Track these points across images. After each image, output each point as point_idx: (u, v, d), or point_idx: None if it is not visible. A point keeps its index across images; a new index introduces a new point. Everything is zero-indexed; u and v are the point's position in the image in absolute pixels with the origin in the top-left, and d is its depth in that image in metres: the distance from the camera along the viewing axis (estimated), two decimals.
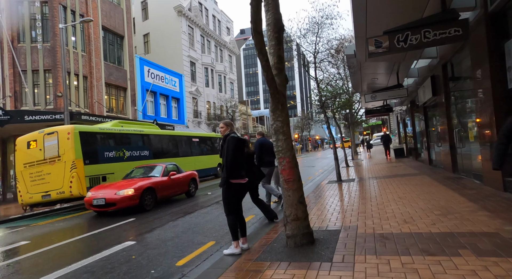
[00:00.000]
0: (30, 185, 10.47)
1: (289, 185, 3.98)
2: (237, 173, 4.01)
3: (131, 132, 13.23)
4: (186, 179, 10.56)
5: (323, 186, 9.45)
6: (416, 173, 10.35)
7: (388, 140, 19.62)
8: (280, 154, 4.03)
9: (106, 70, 19.79)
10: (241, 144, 4.13)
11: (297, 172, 4.03)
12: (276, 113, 4.03)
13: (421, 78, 12.40)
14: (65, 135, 10.30)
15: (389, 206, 5.70)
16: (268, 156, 6.98)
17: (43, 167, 10.37)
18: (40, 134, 10.70)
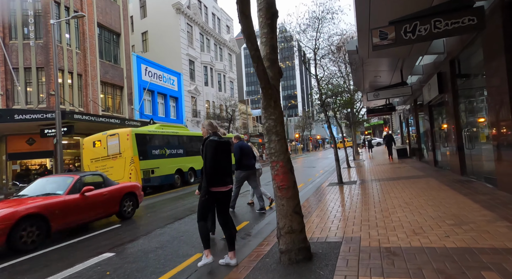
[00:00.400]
0: None
1: (282, 193, 3.48)
2: (218, 180, 3.61)
3: (170, 134, 15.29)
4: (115, 195, 7.40)
5: (323, 189, 8.95)
6: (421, 175, 9.84)
7: (391, 140, 18.96)
8: (272, 157, 3.54)
9: (102, 68, 19.33)
10: (224, 147, 3.72)
11: (292, 177, 3.53)
12: (268, 110, 3.53)
13: (426, 76, 11.87)
14: (125, 136, 12.42)
15: (395, 213, 5.20)
16: (247, 160, 7.03)
17: (107, 162, 12.59)
18: (103, 135, 12.95)
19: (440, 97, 10.08)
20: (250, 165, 7.10)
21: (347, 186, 9.11)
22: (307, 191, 9.11)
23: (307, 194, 8.32)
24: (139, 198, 8.25)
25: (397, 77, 12.85)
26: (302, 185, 11.35)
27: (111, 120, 15.76)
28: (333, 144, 10.27)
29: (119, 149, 12.41)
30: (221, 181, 3.64)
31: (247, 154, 7.05)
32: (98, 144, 12.93)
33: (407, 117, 19.26)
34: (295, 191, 3.54)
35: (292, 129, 64.17)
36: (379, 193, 7.27)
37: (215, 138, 3.69)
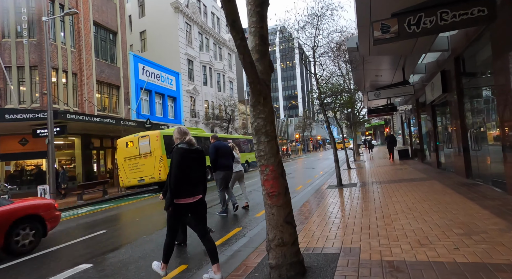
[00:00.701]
0: (129, 173, 14.20)
1: (273, 200, 3.11)
2: (184, 191, 3.34)
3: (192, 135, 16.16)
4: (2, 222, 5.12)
5: (322, 192, 8.57)
6: (424, 177, 9.45)
7: (393, 141, 18.48)
8: (262, 160, 3.16)
9: (98, 67, 18.98)
10: (194, 155, 3.46)
11: (283, 183, 3.16)
12: (257, 108, 3.16)
13: (429, 74, 11.49)
14: (155, 137, 13.91)
15: (398, 220, 4.82)
16: (224, 160, 6.96)
17: (138, 160, 14.08)
18: (135, 137, 14.48)
19: (444, 96, 9.70)
20: (229, 165, 7.05)
21: (347, 189, 8.73)
22: (305, 194, 8.73)
23: (305, 198, 7.94)
24: (49, 222, 5.83)
25: (399, 76, 12.46)
26: (301, 187, 10.97)
27: (105, 120, 15.41)
28: (332, 145, 9.89)
29: (150, 149, 13.97)
30: (188, 192, 3.37)
31: (224, 155, 6.99)
32: (130, 145, 14.52)
33: (408, 117, 18.87)
34: (286, 198, 3.17)
35: (293, 130, 63.79)
36: (380, 197, 6.89)
37: (184, 145, 3.43)
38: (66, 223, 8.15)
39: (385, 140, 19.76)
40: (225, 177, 7.05)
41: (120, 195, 14.34)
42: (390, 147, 17.99)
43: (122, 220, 7.91)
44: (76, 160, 17.87)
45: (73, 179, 17.42)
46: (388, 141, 18.39)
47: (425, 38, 7.94)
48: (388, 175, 10.96)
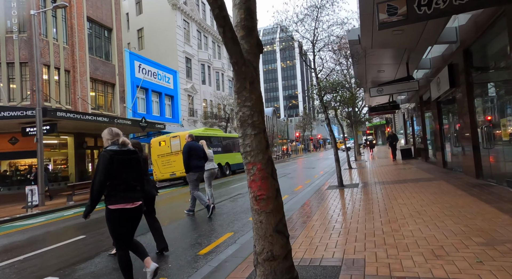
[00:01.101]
0: (161, 168, 16.29)
1: (260, 205, 2.59)
2: (120, 196, 3.10)
3: (213, 135, 19.51)
4: None
5: (322, 193, 8.05)
6: (430, 177, 8.92)
7: (395, 139, 17.94)
8: (248, 157, 2.64)
9: (92, 64, 18.47)
10: (126, 158, 3.20)
11: (273, 184, 2.63)
12: (242, 95, 2.64)
13: (434, 69, 10.96)
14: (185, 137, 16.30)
15: (406, 226, 4.29)
16: (197, 161, 6.95)
17: (170, 157, 16.12)
18: (167, 137, 16.60)
19: (451, 92, 9.17)
20: (200, 166, 7.06)
21: (348, 189, 8.20)
22: (304, 195, 8.20)
23: (303, 199, 7.42)
24: None
25: (402, 71, 11.94)
26: (300, 187, 10.45)
27: (98, 118, 14.88)
28: (333, 144, 9.37)
29: (180, 147, 15.49)
30: (125, 197, 3.13)
31: (196, 155, 6.99)
32: (163, 144, 16.64)
33: (411, 115, 18.32)
34: (277, 202, 2.64)
35: (293, 129, 63.28)
36: (384, 199, 6.36)
37: (114, 147, 3.17)
38: (47, 227, 7.64)
39: (387, 139, 19.10)
40: (199, 177, 7.05)
41: None
42: (392, 146, 17.41)
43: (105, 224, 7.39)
44: (69, 160, 17.37)
45: (66, 179, 16.92)
46: (390, 140, 17.74)
47: (432, 28, 7.43)
48: (391, 175, 10.42)
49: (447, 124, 10.43)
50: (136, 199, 3.22)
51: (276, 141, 47.05)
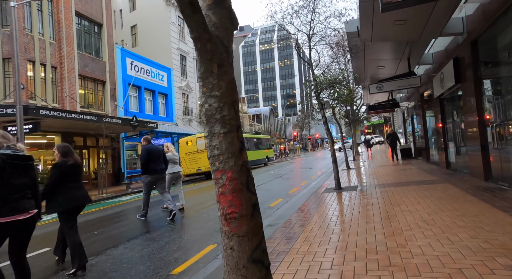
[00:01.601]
0: (188, 164, 18.59)
1: (231, 227, 1.97)
2: (9, 206, 2.79)
3: None
4: None
5: (318, 197, 7.45)
6: (434, 180, 8.33)
7: (396, 139, 17.11)
8: (216, 163, 2.01)
9: (81, 61, 17.78)
10: (18, 162, 2.96)
11: (248, 198, 2.01)
12: (209, 81, 2.01)
13: (436, 65, 10.38)
14: None
15: (413, 240, 3.69)
16: (155, 164, 6.82)
17: (196, 154, 18.52)
18: (194, 137, 19.20)
19: (456, 88, 8.58)
20: (158, 169, 6.92)
21: (346, 193, 7.60)
22: (298, 199, 7.60)
23: (297, 204, 6.81)
24: None
25: (402, 68, 11.37)
26: (295, 190, 9.85)
27: (86, 117, 14.24)
28: (330, 143, 8.77)
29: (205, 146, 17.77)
30: (17, 207, 2.84)
31: (156, 158, 6.88)
32: (190, 143, 19.20)
33: (411, 114, 17.75)
34: (254, 222, 2.02)
35: (290, 128, 62.74)
36: (386, 205, 5.76)
37: (8, 151, 2.93)
38: None
39: (387, 138, 18.22)
40: (152, 181, 6.94)
41: (101, 197, 13.19)
42: (393, 146, 16.69)
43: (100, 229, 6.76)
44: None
45: None
46: (391, 140, 17.01)
47: (437, 18, 6.84)
48: (392, 177, 9.84)
49: (451, 123, 9.85)
50: (30, 208, 2.97)
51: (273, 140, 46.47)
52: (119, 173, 19.60)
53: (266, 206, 7.50)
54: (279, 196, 8.78)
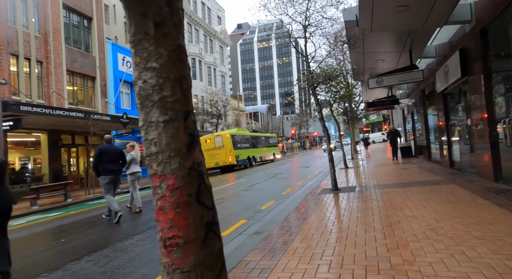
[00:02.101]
0: (208, 159, 20.95)
1: (173, 258, 1.36)
2: None
3: (242, 134, 24.93)
4: None
5: (313, 199, 6.85)
6: (438, 180, 7.74)
7: (397, 136, 15.99)
8: (153, 164, 1.40)
9: (69, 56, 17.10)
10: None
11: (200, 216, 1.40)
12: (142, 47, 1.39)
13: (440, 58, 9.79)
14: (226, 136, 21.41)
15: (422, 254, 3.10)
16: (110, 164, 6.80)
17: (214, 151, 21.42)
18: (212, 136, 22.12)
19: (462, 82, 7.99)
20: (114, 170, 6.88)
21: (343, 194, 7.01)
22: (291, 201, 7.01)
23: (291, 207, 6.22)
24: None
25: (404, 61, 10.76)
26: (289, 190, 9.26)
27: (71, 114, 13.58)
28: (327, 140, 8.17)
29: (222, 144, 21.45)
30: None
31: (109, 158, 6.82)
32: (208, 141, 21.97)
33: (412, 111, 17.17)
34: (207, 251, 1.40)
35: (288, 127, 62.16)
36: (387, 209, 5.17)
37: None
38: None
39: (387, 136, 17.14)
40: (110, 182, 6.85)
41: (87, 198, 12.56)
42: (394, 145, 15.76)
43: (41, 241, 6.13)
44: (42, 159, 16.04)
45: (39, 180, 15.60)
46: (391, 137, 16.08)
47: (442, 4, 6.23)
48: (392, 177, 9.26)
49: (455, 119, 9.27)
50: None
51: None
52: None
53: (257, 209, 6.91)
54: (272, 198, 8.19)
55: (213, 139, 21.72)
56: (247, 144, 24.65)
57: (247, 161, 23.39)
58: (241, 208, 7.19)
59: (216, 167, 21.62)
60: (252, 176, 15.89)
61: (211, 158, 21.38)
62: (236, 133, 23.51)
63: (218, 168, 21.98)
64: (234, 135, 22.63)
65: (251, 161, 24.14)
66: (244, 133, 25.74)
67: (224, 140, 21.48)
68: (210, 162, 21.28)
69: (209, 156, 21.41)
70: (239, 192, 10.02)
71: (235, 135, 22.93)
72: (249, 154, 24.11)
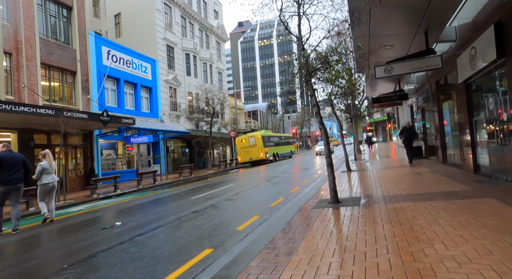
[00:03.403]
0: (243, 155, 26.41)
1: None
2: None
3: (269, 135, 29.89)
4: None
5: (305, 217, 5.24)
6: (466, 191, 6.09)
7: (413, 134, 12.87)
8: None
9: (44, 48, 15.59)
10: None
11: None
12: None
13: (461, 42, 8.15)
14: (258, 137, 26.23)
15: None
16: (7, 174, 6.42)
17: (248, 148, 26.31)
18: (246, 136, 26.99)
19: (495, 66, 6.35)
20: (12, 179, 6.52)
21: (345, 210, 5.39)
22: (278, 219, 5.39)
23: (273, 230, 4.61)
24: None
25: (417, 46, 9.10)
26: (281, 200, 7.66)
27: (40, 111, 12.04)
28: (324, 139, 6.54)
29: (255, 143, 26.08)
30: None
31: (10, 167, 6.48)
32: (243, 141, 26.69)
33: (422, 107, 15.49)
34: None
35: (289, 125, 60.51)
36: (408, 239, 3.55)
37: None
38: None
39: (400, 134, 13.22)
40: (4, 192, 6.51)
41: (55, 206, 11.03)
42: (409, 144, 12.80)
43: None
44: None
45: None
46: (406, 136, 12.68)
47: None
48: (404, 184, 7.63)
49: (483, 114, 7.60)
50: None
51: None
52: (91, 175, 17.41)
53: (232, 229, 5.32)
54: (256, 212, 6.60)
55: (247, 139, 26.57)
56: (272, 143, 29.22)
57: (273, 156, 28.28)
58: (212, 229, 5.61)
59: (250, 161, 26.40)
60: (242, 180, 14.31)
61: (246, 155, 26.37)
62: (264, 134, 28.23)
63: (249, 162, 26.70)
64: (263, 135, 27.28)
65: (275, 157, 28.92)
66: (270, 134, 30.88)
67: (256, 140, 26.24)
68: (245, 157, 26.41)
69: (244, 153, 26.50)
70: (224, 201, 8.44)
71: (264, 136, 27.49)
72: (274, 151, 29.03)
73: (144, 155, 23.95)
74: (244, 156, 26.45)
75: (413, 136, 12.76)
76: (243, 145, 26.61)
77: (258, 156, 25.97)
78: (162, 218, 6.84)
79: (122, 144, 21.30)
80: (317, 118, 6.64)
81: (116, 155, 20.99)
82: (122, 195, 13.35)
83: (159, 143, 23.73)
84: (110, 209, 9.37)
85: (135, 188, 14.97)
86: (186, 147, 28.95)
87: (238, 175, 17.66)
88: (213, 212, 6.98)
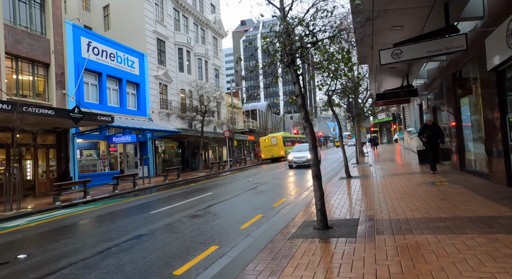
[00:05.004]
0: (266, 152, 31.59)
1: None
2: None
3: (288, 136, 35.95)
4: None
5: (273, 259, 3.50)
6: (509, 216, 4.31)
7: (438, 135, 9.60)
8: None
9: (10, 36, 13.98)
10: None
11: None
12: None
13: (491, 18, 6.37)
14: (279, 137, 31.57)
15: None
16: None
17: (271, 147, 31.40)
18: (269, 137, 32.29)
19: None
20: None
21: (334, 245, 3.64)
22: (240, 256, 3.66)
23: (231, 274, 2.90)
24: None
25: (432, 25, 7.29)
26: (258, 218, 5.92)
27: None
28: (309, 139, 4.80)
29: (277, 142, 30.88)
30: None
31: None
32: (267, 140, 31.63)
33: (433, 105, 13.65)
34: None
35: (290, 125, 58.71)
36: None
37: None
38: None
39: (420, 134, 10.02)
40: None
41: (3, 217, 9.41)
42: (433, 147, 9.72)
43: None
44: None
45: None
46: (429, 136, 9.63)
47: None
48: (417, 200, 5.86)
49: None
50: None
51: None
52: (65, 178, 15.79)
53: (167, 273, 3.60)
54: (216, 240, 4.87)
55: (270, 139, 31.53)
56: (289, 143, 33.77)
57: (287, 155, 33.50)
58: (138, 272, 3.89)
59: (272, 158, 30.95)
60: (220, 189, 12.57)
61: (269, 152, 31.22)
62: (283, 135, 33.35)
63: (269, 159, 31.29)
64: (283, 136, 32.43)
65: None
66: (288, 136, 37.08)
67: (278, 140, 31.02)
68: (268, 154, 31.22)
69: (267, 151, 31.36)
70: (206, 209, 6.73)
71: (284, 137, 32.50)
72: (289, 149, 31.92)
73: (131, 156, 22.34)
74: (266, 153, 31.27)
75: (438, 137, 9.61)
76: (266, 144, 31.60)
77: (278, 154, 30.44)
78: (82, 250, 5.07)
79: (105, 144, 19.68)
80: (301, 112, 4.91)
81: (97, 156, 19.37)
82: (91, 202, 11.68)
83: (147, 143, 22.09)
84: (51, 224, 7.65)
85: (109, 194, 13.29)
86: (178, 148, 27.28)
87: (227, 180, 15.94)
88: (159, 240, 5.22)
